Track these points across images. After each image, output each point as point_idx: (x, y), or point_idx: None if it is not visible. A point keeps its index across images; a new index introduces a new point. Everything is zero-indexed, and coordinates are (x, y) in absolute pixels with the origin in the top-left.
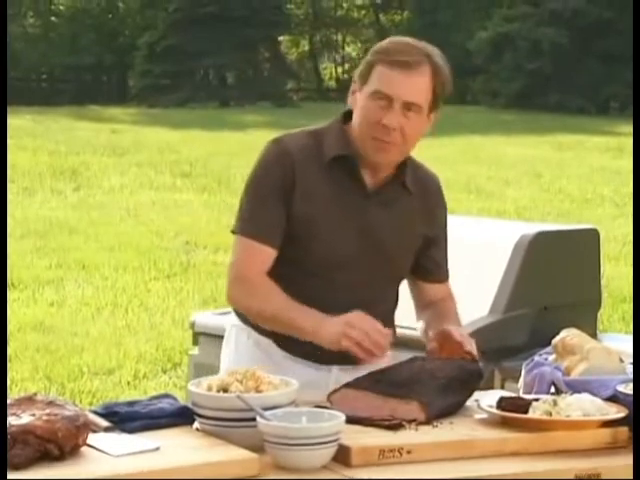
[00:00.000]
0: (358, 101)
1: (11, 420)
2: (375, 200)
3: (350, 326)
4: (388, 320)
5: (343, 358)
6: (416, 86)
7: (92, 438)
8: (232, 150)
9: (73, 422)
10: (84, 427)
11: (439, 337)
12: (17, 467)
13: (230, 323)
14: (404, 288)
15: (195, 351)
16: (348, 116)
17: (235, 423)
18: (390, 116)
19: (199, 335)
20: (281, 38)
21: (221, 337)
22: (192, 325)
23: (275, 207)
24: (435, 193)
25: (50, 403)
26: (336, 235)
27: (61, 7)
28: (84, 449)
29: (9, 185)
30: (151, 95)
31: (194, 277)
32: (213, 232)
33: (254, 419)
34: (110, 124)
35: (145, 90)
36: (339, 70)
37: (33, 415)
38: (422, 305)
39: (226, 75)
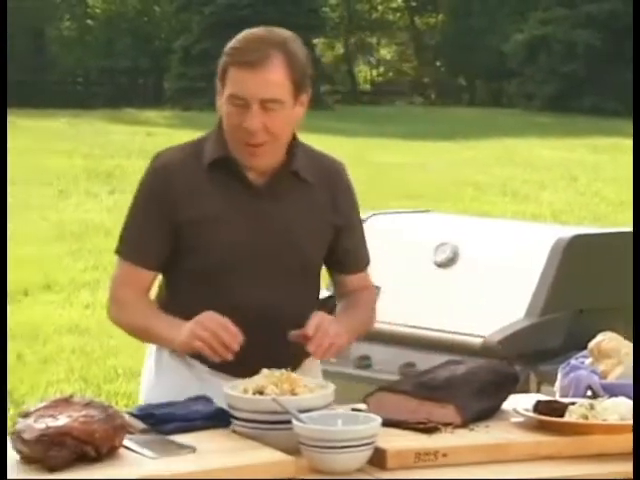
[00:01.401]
0: (221, 106)
1: (48, 422)
2: (266, 196)
3: (200, 326)
4: (303, 318)
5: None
6: (269, 82)
7: (128, 440)
8: None
9: (110, 424)
10: (121, 429)
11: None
12: (54, 469)
13: None
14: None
15: None
16: None
17: (271, 425)
18: (250, 119)
19: None
20: (316, 41)
21: None
22: None
23: (152, 226)
24: (339, 181)
25: (87, 405)
26: (229, 237)
27: (97, 10)
28: (121, 451)
29: (45, 188)
30: (186, 98)
31: None
32: None
33: (290, 422)
34: (145, 127)
35: (180, 93)
36: (374, 73)
37: (70, 417)
38: (339, 298)
39: None
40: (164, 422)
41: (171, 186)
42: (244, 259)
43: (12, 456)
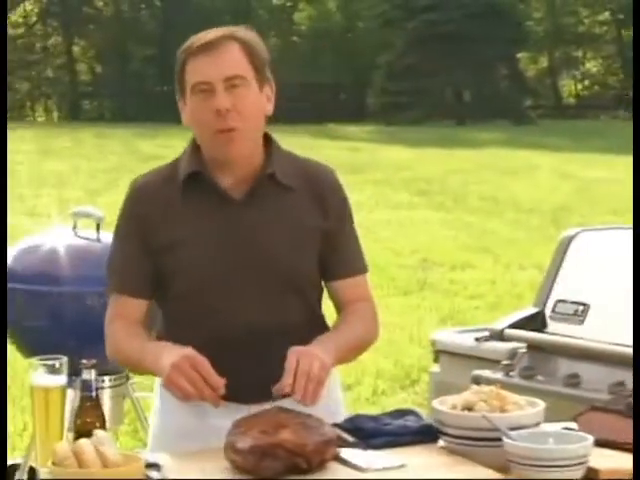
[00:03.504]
0: (186, 110)
1: (260, 433)
2: (244, 207)
3: (175, 372)
4: (298, 332)
5: (261, 396)
6: (228, 59)
7: (339, 453)
8: (468, 168)
9: (321, 437)
10: (331, 442)
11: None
12: (266, 479)
13: None
14: None
15: (436, 369)
16: None
17: (480, 442)
18: (217, 100)
19: (440, 353)
20: (519, 55)
21: (462, 355)
22: (433, 343)
23: (134, 253)
24: (326, 185)
25: (299, 417)
26: (207, 256)
27: (302, 27)
28: (331, 464)
29: None
30: (388, 113)
31: (431, 295)
32: (449, 250)
33: (499, 439)
34: (348, 142)
35: (383, 108)
36: (579, 87)
37: (282, 429)
38: (337, 311)
39: (463, 93)
40: (373, 436)
41: (146, 211)
42: (226, 277)
43: (223, 466)
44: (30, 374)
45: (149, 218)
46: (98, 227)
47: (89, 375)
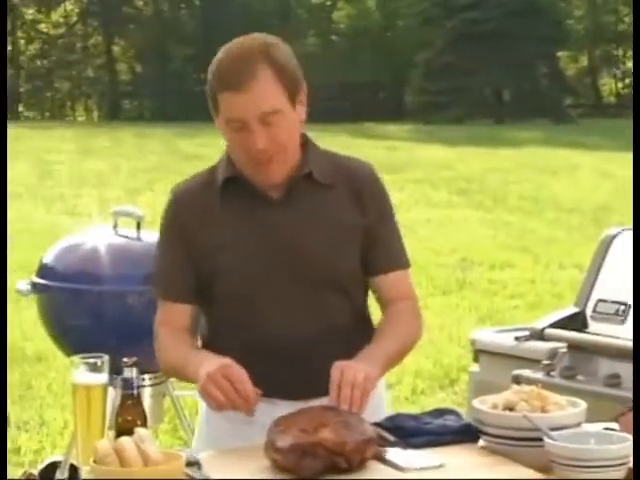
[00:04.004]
0: (221, 129)
1: (302, 434)
2: (282, 209)
3: (210, 382)
4: (342, 330)
5: (308, 394)
6: (262, 95)
7: (379, 452)
8: (507, 167)
9: (361, 436)
10: (371, 441)
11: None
12: (305, 478)
13: None
14: None
15: (476, 368)
16: None
17: (521, 442)
18: (253, 139)
19: (479, 352)
20: (559, 54)
21: (502, 355)
22: (472, 342)
23: (177, 258)
24: (364, 180)
25: (339, 416)
26: (246, 260)
27: (341, 26)
28: (371, 463)
29: None
30: (427, 112)
31: (470, 294)
32: (489, 249)
33: (540, 439)
34: (386, 141)
35: (421, 107)
36: (619, 85)
37: (322, 428)
38: (381, 308)
39: (502, 92)
40: (413, 435)
41: (185, 218)
42: (266, 278)
43: (263, 464)
44: (71, 372)
45: (189, 225)
46: (138, 226)
47: (130, 373)
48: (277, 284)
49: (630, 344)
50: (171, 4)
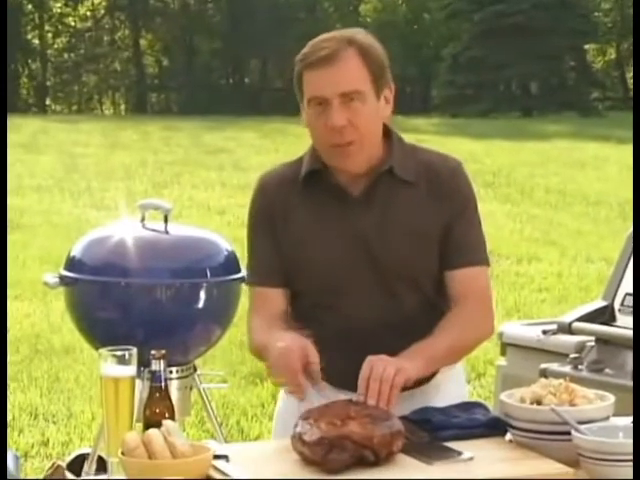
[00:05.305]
0: (306, 117)
1: (329, 427)
2: (363, 205)
3: (279, 362)
4: (416, 329)
5: None
6: (346, 74)
7: (406, 445)
8: (535, 160)
9: (388, 429)
10: (399, 434)
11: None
12: (333, 471)
13: None
14: None
15: (503, 362)
16: None
17: (549, 436)
18: (332, 116)
19: (507, 346)
20: (587, 47)
21: (529, 348)
22: (500, 335)
23: (267, 244)
24: (447, 176)
25: (366, 409)
26: (326, 256)
27: (368, 19)
28: (398, 456)
29: None
30: (454, 105)
31: (497, 287)
32: (516, 242)
33: (568, 433)
34: (413, 134)
35: (448, 100)
36: None
37: (350, 421)
38: (452, 305)
39: (529, 85)
40: (441, 429)
41: (271, 205)
42: (344, 274)
43: (291, 457)
44: (99, 365)
45: (274, 213)
46: (166, 219)
47: (158, 366)
48: (355, 280)
49: None
50: None
